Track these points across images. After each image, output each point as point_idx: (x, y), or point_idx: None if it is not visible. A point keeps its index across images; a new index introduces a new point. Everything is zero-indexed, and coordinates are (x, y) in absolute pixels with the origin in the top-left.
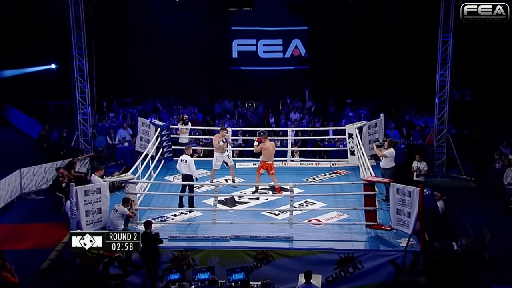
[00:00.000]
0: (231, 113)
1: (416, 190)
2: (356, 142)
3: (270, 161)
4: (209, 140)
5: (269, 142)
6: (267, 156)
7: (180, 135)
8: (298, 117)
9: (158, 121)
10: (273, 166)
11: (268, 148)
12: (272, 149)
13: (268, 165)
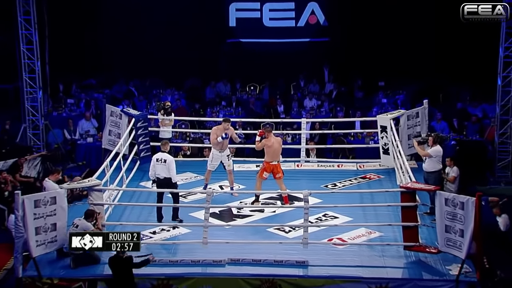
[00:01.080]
0: (227, 100)
1: (471, 200)
2: (391, 137)
3: (276, 161)
4: (198, 135)
5: (274, 138)
6: (272, 156)
7: (161, 128)
8: (314, 104)
9: (132, 109)
10: (280, 168)
11: (273, 145)
12: (278, 147)
13: (273, 167)
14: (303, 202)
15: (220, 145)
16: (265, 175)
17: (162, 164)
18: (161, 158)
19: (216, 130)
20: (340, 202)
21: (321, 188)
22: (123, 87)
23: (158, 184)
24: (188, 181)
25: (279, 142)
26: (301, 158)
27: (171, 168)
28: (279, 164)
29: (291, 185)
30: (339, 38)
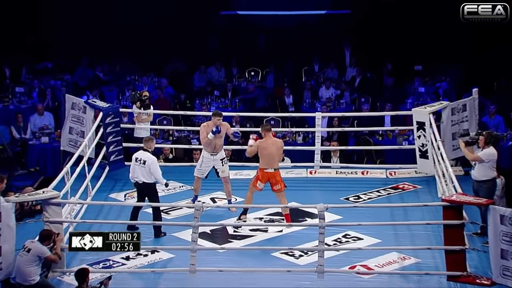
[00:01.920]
0: (221, 89)
1: None
2: (430, 136)
3: (271, 169)
4: (184, 133)
5: (271, 139)
6: (266, 162)
7: (136, 124)
8: (332, 94)
9: (100, 101)
10: (280, 177)
11: (268, 148)
12: (275, 151)
13: (270, 176)
14: (318, 219)
15: (212, 145)
16: (259, 185)
17: (141, 166)
18: (140, 158)
19: (206, 128)
20: (365, 219)
21: (341, 202)
22: (87, 72)
23: (138, 190)
24: (171, 192)
25: (277, 145)
26: (315, 163)
27: (152, 170)
28: (277, 172)
29: (302, 197)
30: (363, 10)
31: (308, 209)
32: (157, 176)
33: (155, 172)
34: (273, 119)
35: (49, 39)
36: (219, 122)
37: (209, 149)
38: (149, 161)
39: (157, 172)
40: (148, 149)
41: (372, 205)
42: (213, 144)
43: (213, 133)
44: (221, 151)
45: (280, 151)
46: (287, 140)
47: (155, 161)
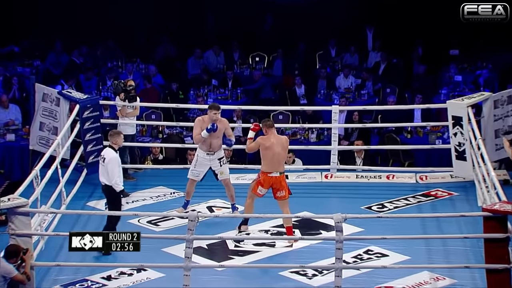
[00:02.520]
0: (220, 77)
1: None
2: (468, 134)
3: (277, 173)
4: (176, 130)
5: (276, 137)
6: (271, 164)
7: (120, 119)
8: (352, 84)
9: (76, 91)
10: (285, 183)
11: (272, 147)
12: (281, 151)
13: (273, 181)
14: (335, 231)
15: (207, 143)
16: (260, 191)
17: (101, 164)
18: (103, 155)
19: (200, 123)
20: (391, 232)
21: (362, 211)
22: (61, 58)
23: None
24: (160, 199)
25: (283, 143)
26: (332, 166)
27: (109, 170)
28: (282, 176)
29: (316, 206)
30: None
31: (323, 220)
32: (113, 178)
33: (112, 172)
34: (282, 114)
35: (16, 18)
36: (216, 117)
37: (204, 147)
38: (108, 158)
39: (114, 173)
40: (114, 146)
41: (399, 216)
42: (208, 142)
43: (208, 131)
44: (219, 150)
45: (286, 151)
46: (299, 138)
47: (114, 160)
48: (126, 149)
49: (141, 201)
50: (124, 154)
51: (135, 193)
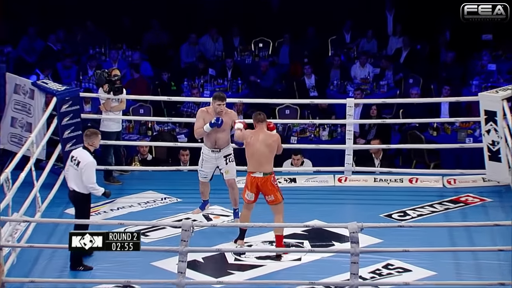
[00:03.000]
0: (218, 66)
1: None
2: (503, 131)
3: (260, 173)
4: (167, 127)
5: (263, 133)
6: (252, 162)
7: (103, 114)
8: (369, 73)
9: (53, 82)
10: (272, 185)
11: (253, 144)
12: (264, 148)
13: (258, 182)
14: (350, 243)
15: (211, 138)
16: (247, 195)
17: (74, 167)
18: (76, 157)
19: (204, 114)
20: (414, 243)
21: (381, 220)
22: (36, 44)
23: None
24: (150, 206)
25: (267, 141)
26: (346, 167)
27: (85, 175)
28: (268, 178)
29: (328, 214)
30: None
31: (336, 229)
32: (89, 183)
33: (88, 178)
34: (288, 108)
35: None
36: (220, 108)
37: (209, 143)
38: (83, 162)
39: (90, 179)
40: (89, 147)
41: (424, 225)
42: (212, 138)
43: (211, 126)
44: (226, 146)
45: (271, 149)
46: (308, 136)
47: (91, 165)
48: (111, 149)
49: (128, 208)
50: (108, 154)
51: (121, 199)
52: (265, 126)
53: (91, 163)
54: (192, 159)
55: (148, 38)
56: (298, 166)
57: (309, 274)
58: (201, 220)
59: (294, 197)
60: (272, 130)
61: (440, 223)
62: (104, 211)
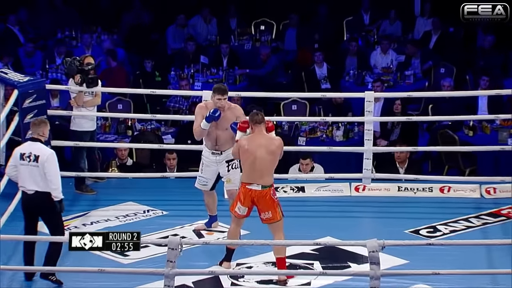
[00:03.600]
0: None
1: None
2: None
3: (257, 185)
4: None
5: (263, 137)
6: (248, 172)
7: (75, 110)
8: (393, 61)
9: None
10: (272, 200)
11: (251, 150)
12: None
13: (254, 195)
14: (369, 264)
15: (212, 138)
16: (238, 209)
17: (30, 165)
18: (29, 153)
19: (203, 111)
20: (446, 265)
21: (406, 237)
22: None
23: (25, 205)
24: (130, 220)
25: (269, 147)
26: (365, 174)
27: (47, 171)
28: (267, 192)
29: (343, 229)
30: None
31: (353, 248)
32: (54, 181)
33: (53, 173)
34: (296, 102)
35: None
36: (220, 103)
37: (209, 144)
38: (43, 156)
39: (54, 175)
40: (39, 138)
41: (458, 243)
42: (213, 137)
43: (208, 120)
44: (228, 148)
45: (275, 157)
46: (319, 136)
47: (53, 157)
48: (83, 151)
49: (103, 223)
50: (80, 158)
51: (95, 212)
52: (264, 127)
53: (52, 155)
54: (180, 164)
55: (128, 20)
56: (307, 173)
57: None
58: (191, 237)
59: (303, 210)
60: (271, 130)
61: (477, 240)
62: (75, 226)
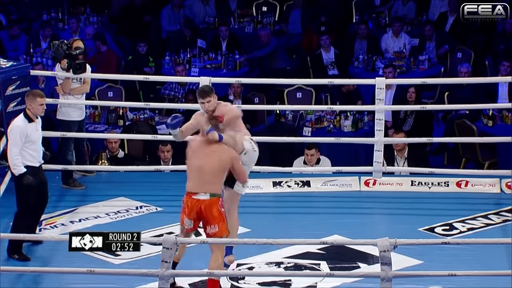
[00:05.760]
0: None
1: None
2: None
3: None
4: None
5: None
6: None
7: (61, 97)
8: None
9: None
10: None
11: (197, 154)
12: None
13: (198, 206)
14: (379, 264)
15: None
16: (185, 223)
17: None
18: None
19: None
20: (463, 266)
21: (419, 234)
22: None
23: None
24: (121, 217)
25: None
26: (375, 168)
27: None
28: (215, 201)
29: (353, 227)
30: None
31: (363, 247)
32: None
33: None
34: (300, 90)
35: None
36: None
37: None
38: (10, 127)
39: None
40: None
41: (476, 241)
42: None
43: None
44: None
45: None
46: (326, 126)
47: (15, 130)
48: (71, 143)
49: (93, 220)
50: (67, 150)
51: (84, 208)
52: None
53: (15, 127)
54: (175, 156)
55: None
56: (312, 165)
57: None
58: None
59: (308, 206)
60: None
61: (497, 239)
62: (62, 223)
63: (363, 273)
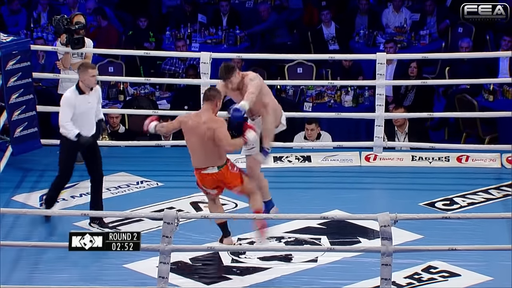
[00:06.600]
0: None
1: None
2: None
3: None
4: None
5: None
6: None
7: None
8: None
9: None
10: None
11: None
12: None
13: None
14: (380, 239)
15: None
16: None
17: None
18: None
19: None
20: (464, 240)
21: (419, 209)
22: None
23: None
24: (122, 192)
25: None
26: (376, 142)
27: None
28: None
29: (353, 202)
30: None
31: (363, 222)
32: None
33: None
34: (301, 65)
35: None
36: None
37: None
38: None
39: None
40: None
41: (477, 216)
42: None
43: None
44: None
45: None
46: (327, 102)
47: (64, 101)
48: None
49: None
50: None
51: (85, 183)
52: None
53: (63, 98)
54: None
55: None
56: (313, 140)
57: (328, 279)
58: (188, 210)
59: (309, 181)
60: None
61: (498, 213)
62: (64, 198)
63: (364, 248)
